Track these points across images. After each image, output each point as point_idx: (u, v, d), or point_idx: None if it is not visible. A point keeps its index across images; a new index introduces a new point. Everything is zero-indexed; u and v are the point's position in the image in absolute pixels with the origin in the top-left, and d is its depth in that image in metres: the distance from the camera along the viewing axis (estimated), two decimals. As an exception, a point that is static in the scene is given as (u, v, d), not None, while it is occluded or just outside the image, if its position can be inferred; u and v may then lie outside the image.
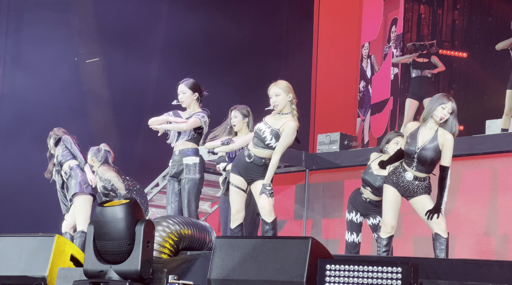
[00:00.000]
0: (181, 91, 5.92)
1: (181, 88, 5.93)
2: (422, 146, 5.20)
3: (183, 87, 5.91)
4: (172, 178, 6.03)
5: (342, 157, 8.93)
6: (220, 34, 11.58)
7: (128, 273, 4.04)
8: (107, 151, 7.52)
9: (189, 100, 5.91)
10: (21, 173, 11.18)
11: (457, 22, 10.45)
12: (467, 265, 4.34)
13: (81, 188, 7.25)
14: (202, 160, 6.01)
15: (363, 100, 11.11)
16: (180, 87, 5.93)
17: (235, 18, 11.57)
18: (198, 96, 5.92)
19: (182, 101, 5.91)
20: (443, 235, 5.21)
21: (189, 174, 5.90)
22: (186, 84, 5.92)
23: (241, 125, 6.17)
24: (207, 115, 5.97)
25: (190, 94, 5.91)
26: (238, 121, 6.17)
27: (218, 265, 4.24)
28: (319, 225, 9.08)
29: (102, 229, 4.04)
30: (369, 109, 10.93)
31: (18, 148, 11.17)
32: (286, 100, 5.29)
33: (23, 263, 4.53)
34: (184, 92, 5.91)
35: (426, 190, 5.29)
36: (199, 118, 5.91)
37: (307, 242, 4.08)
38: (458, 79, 10.17)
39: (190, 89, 5.90)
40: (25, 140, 11.00)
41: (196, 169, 5.92)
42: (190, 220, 5.27)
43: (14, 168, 11.19)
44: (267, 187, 5.27)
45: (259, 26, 11.87)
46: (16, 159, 11.19)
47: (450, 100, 5.23)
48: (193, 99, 5.90)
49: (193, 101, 5.92)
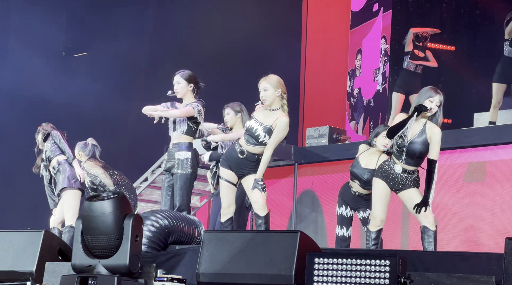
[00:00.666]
0: (176, 82, 5.93)
1: (176, 79, 5.94)
2: (411, 139, 5.21)
3: (178, 78, 5.92)
4: (166, 172, 6.02)
5: (331, 150, 8.93)
6: (209, 28, 11.56)
7: (117, 268, 4.03)
8: (94, 145, 7.50)
9: (183, 91, 5.91)
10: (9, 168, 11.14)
11: (445, 15, 10.46)
12: (454, 257, 4.36)
13: (70, 182, 7.23)
14: (195, 155, 5.99)
15: (357, 105, 11.14)
16: (176, 78, 5.94)
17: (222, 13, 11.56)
18: (194, 88, 5.91)
19: (177, 92, 5.91)
20: (431, 228, 5.24)
21: (180, 168, 5.88)
22: (182, 75, 5.93)
23: (234, 121, 6.23)
24: (201, 105, 5.95)
25: (185, 85, 5.91)
26: (231, 118, 6.26)
27: (207, 259, 4.24)
28: (308, 218, 9.09)
29: (90, 223, 4.03)
30: (363, 112, 10.97)
31: (7, 143, 11.12)
32: (275, 95, 5.29)
33: (11, 258, 4.52)
34: (179, 83, 5.91)
35: (414, 183, 5.31)
36: (192, 107, 5.90)
37: (295, 236, 4.09)
38: (446, 73, 10.17)
39: (185, 80, 5.90)
40: (13, 135, 10.95)
41: (188, 163, 5.91)
42: (179, 214, 5.27)
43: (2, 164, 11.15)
44: (259, 182, 5.29)
45: (247, 20, 11.85)
46: (4, 154, 11.14)
47: (438, 93, 5.25)
48: (188, 90, 5.90)
49: (188, 92, 5.91)
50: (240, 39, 11.69)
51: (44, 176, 7.52)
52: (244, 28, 11.67)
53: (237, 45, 11.71)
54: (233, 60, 11.75)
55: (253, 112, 5.48)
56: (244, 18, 11.71)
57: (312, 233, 8.64)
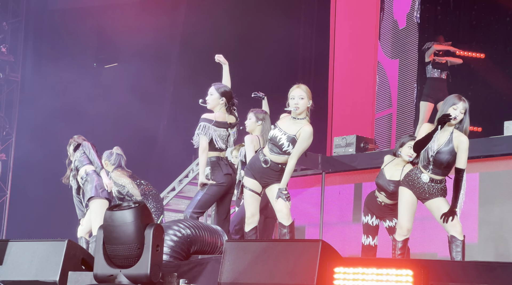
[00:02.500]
0: (209, 93, 5.96)
1: (210, 90, 5.97)
2: (437, 149, 5.15)
3: (212, 90, 5.95)
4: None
5: (358, 159, 8.88)
6: (236, 37, 11.59)
7: (138, 277, 4.03)
8: (120, 154, 7.53)
9: (214, 103, 5.93)
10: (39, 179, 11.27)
11: (474, 23, 10.35)
12: (479, 267, 4.28)
13: (97, 192, 7.27)
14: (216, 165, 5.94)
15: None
16: (210, 89, 5.98)
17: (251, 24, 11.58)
18: (225, 102, 5.91)
19: (208, 102, 5.92)
20: (459, 237, 5.17)
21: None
22: (217, 88, 5.95)
23: (253, 126, 6.24)
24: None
25: (217, 97, 5.92)
26: (251, 123, 6.29)
27: (228, 268, 4.22)
28: (336, 228, 9.04)
29: (111, 233, 4.03)
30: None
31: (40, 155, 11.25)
32: (306, 105, 5.28)
33: (35, 268, 4.54)
34: (212, 94, 5.94)
35: (441, 192, 5.25)
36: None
37: (317, 245, 4.05)
38: (475, 80, 10.07)
39: (219, 94, 5.91)
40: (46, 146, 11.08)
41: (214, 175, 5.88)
42: (202, 223, 5.27)
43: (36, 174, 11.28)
44: (283, 191, 5.26)
45: (275, 28, 11.86)
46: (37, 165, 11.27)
47: (462, 100, 5.18)
48: (218, 103, 5.91)
49: (218, 105, 5.91)
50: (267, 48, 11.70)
51: (73, 186, 7.58)
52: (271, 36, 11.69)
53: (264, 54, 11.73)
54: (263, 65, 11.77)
55: (277, 122, 5.47)
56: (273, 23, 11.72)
57: (339, 242, 8.59)
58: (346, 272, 3.80)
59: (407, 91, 10.49)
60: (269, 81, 11.08)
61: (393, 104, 10.79)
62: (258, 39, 11.64)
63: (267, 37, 11.79)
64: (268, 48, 11.80)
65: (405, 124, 10.46)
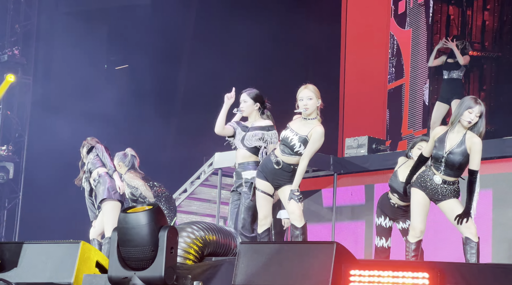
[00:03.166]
0: (242, 100, 5.93)
1: (243, 97, 5.94)
2: (449, 149, 5.12)
3: (245, 97, 5.91)
4: (233, 192, 6.00)
5: (370, 160, 8.86)
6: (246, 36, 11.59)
7: (152, 280, 4.03)
8: (133, 155, 7.53)
9: (249, 110, 5.90)
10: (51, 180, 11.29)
11: (487, 23, 10.31)
12: (496, 270, 4.25)
13: (109, 194, 7.27)
14: None
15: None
16: (242, 96, 5.94)
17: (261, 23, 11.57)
18: (260, 107, 5.90)
19: (243, 110, 5.90)
20: (473, 239, 5.13)
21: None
22: (248, 94, 5.92)
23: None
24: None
25: (251, 103, 5.89)
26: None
27: (242, 270, 4.21)
28: (348, 229, 9.01)
29: (125, 235, 4.03)
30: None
31: (52, 157, 11.28)
32: (316, 105, 5.26)
33: (49, 270, 4.55)
34: (246, 101, 5.90)
35: (454, 193, 5.22)
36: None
37: (331, 247, 4.03)
38: (489, 81, 10.02)
39: (252, 99, 5.89)
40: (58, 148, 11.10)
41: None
42: (215, 225, 5.25)
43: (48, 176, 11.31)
44: (295, 193, 5.24)
45: (286, 29, 11.85)
46: (46, 166, 11.30)
47: (478, 104, 5.13)
48: (254, 109, 5.89)
49: (254, 111, 5.90)
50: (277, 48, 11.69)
51: (85, 188, 7.59)
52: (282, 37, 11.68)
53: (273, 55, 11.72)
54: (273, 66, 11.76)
55: (289, 123, 5.46)
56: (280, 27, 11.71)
57: (352, 244, 8.56)
58: (362, 275, 3.79)
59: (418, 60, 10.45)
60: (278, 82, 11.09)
61: (406, 75, 10.75)
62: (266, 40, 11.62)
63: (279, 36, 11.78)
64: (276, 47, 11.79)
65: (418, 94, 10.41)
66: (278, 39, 11.74)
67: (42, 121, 11.87)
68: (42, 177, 11.34)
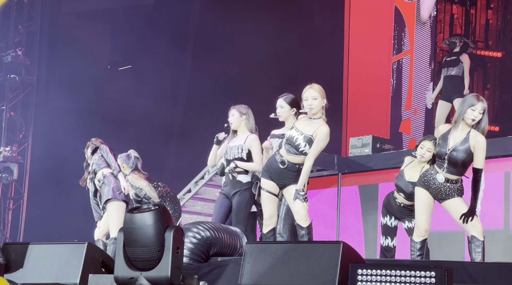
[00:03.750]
0: (279, 105, 5.95)
1: (279, 102, 5.96)
2: (453, 147, 5.11)
3: (282, 102, 5.94)
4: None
5: (375, 160, 8.84)
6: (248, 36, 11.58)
7: (159, 280, 4.02)
8: (136, 157, 7.54)
9: (286, 115, 5.93)
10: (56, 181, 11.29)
11: (490, 21, 10.30)
12: (503, 269, 4.24)
13: (114, 194, 7.27)
14: None
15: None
16: (279, 102, 5.96)
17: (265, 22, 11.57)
18: (296, 112, 5.93)
19: (279, 115, 5.93)
20: (479, 237, 5.12)
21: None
22: (285, 99, 5.95)
23: (238, 122, 6.18)
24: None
25: (288, 109, 5.91)
26: (235, 119, 6.20)
27: (248, 270, 4.20)
28: (353, 229, 9.00)
29: (131, 235, 4.03)
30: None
31: (56, 157, 11.28)
32: (321, 105, 5.26)
33: (55, 270, 4.55)
34: (282, 107, 5.92)
35: (458, 192, 5.21)
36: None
37: (338, 247, 4.02)
38: (493, 80, 10.01)
39: (288, 104, 5.91)
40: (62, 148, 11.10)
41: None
42: (221, 225, 5.25)
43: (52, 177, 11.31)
44: (300, 192, 5.23)
45: (289, 28, 11.84)
46: (50, 166, 11.30)
47: (480, 101, 5.12)
48: (290, 114, 5.92)
49: (290, 116, 5.93)
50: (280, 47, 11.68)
51: (90, 189, 7.59)
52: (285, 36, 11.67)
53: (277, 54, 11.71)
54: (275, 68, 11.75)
55: (294, 122, 5.45)
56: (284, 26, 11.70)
57: (356, 243, 8.55)
58: (369, 274, 3.78)
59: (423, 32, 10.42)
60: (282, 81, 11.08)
61: (410, 46, 10.71)
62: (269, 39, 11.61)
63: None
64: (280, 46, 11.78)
65: (423, 65, 10.38)
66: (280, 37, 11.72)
67: (46, 122, 11.88)
68: (46, 178, 11.34)
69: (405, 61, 11.07)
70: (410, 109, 10.76)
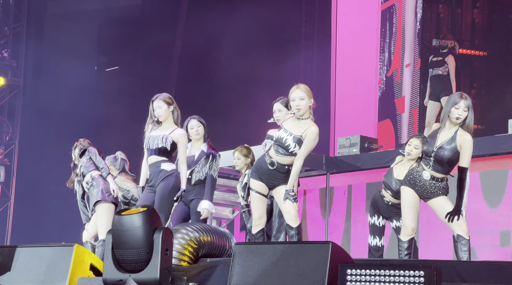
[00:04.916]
0: (277, 109, 5.88)
1: (276, 106, 5.89)
2: (440, 145, 5.14)
3: (279, 106, 5.87)
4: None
5: (363, 159, 8.86)
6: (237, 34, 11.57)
7: (147, 282, 4.01)
8: (123, 159, 7.51)
9: (284, 119, 5.89)
10: (43, 183, 11.24)
11: (476, 21, 10.33)
12: (492, 267, 4.26)
13: (103, 196, 7.24)
14: None
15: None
16: (276, 106, 5.89)
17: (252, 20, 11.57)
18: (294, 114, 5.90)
19: (278, 119, 5.87)
20: (465, 236, 5.14)
21: None
22: (282, 102, 5.89)
23: (167, 114, 6.02)
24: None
25: (286, 111, 5.86)
26: (164, 111, 6.03)
27: (238, 271, 4.20)
28: (341, 228, 9.01)
29: (120, 237, 4.02)
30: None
31: (43, 159, 11.23)
32: (308, 105, 5.25)
33: (43, 273, 4.53)
34: (281, 111, 5.85)
35: (443, 191, 5.22)
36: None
37: (327, 247, 4.02)
38: (479, 79, 10.04)
39: (286, 107, 5.85)
40: (49, 150, 11.06)
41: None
42: (209, 227, 5.24)
43: (39, 179, 11.26)
44: (290, 193, 5.23)
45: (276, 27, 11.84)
46: (37, 169, 11.25)
47: (463, 98, 5.14)
48: (289, 117, 5.89)
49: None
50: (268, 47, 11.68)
51: (77, 191, 7.55)
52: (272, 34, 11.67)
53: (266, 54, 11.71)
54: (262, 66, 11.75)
55: (282, 122, 5.45)
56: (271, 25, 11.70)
57: (345, 243, 8.57)
58: (358, 274, 3.78)
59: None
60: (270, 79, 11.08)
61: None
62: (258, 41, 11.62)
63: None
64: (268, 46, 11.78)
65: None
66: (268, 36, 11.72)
67: (33, 124, 11.82)
68: (34, 180, 11.29)
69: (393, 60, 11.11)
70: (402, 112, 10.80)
